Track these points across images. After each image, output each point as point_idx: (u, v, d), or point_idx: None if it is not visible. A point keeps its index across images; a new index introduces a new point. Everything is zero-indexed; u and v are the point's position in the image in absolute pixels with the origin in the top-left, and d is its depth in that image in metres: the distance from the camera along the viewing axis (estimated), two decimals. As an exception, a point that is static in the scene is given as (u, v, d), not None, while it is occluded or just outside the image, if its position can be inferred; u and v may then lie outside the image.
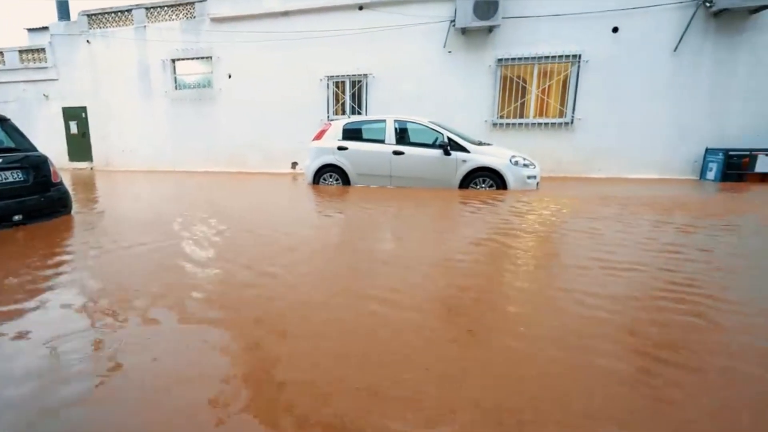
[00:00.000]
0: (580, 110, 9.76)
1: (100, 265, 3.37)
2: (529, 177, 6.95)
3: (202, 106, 12.75)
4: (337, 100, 11.51)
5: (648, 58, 9.23)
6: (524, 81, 10.16)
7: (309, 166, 8.06)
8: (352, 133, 7.85)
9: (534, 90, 10.07)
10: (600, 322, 2.19)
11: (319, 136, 8.04)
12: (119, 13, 13.13)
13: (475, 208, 5.42)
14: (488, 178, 6.97)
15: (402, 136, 7.63)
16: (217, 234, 4.28)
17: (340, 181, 7.82)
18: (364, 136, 7.85)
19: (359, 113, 11.19)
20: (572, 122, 9.85)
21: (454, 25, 10.04)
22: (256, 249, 3.69)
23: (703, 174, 9.09)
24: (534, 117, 10.19)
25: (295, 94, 11.68)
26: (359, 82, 11.19)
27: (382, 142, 7.57)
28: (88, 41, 13.48)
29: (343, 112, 11.41)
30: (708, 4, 8.63)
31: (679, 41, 8.99)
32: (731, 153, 8.49)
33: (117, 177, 11.68)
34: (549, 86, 10.05)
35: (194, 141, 13.02)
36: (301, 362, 1.83)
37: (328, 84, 11.44)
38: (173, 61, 12.78)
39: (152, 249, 3.74)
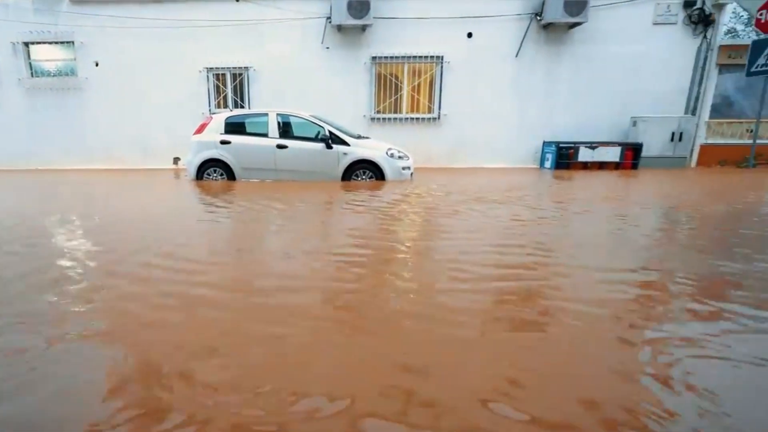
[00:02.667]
0: (445, 107, 10.70)
1: None
2: (404, 168, 7.53)
3: (66, 96, 11.29)
4: (218, 93, 11.10)
5: (496, 62, 10.42)
6: (397, 78, 10.80)
7: (191, 162, 7.76)
8: (234, 127, 7.74)
9: (406, 87, 10.77)
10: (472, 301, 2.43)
11: (200, 130, 7.78)
12: (-50, -15, 11.12)
13: (357, 199, 5.78)
14: (368, 169, 7.41)
15: (285, 130, 7.73)
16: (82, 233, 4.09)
17: (224, 176, 7.68)
18: (248, 129, 7.80)
19: (242, 107, 10.94)
20: (439, 117, 10.76)
21: (330, 22, 10.28)
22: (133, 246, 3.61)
23: (542, 163, 10.60)
24: (407, 112, 10.92)
25: (173, 86, 10.96)
26: (240, 75, 10.92)
27: (265, 135, 7.57)
28: None
29: (226, 106, 11.06)
30: (538, 18, 9.98)
31: (519, 48, 10.30)
32: (561, 145, 10.04)
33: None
34: (419, 84, 10.82)
35: (60, 135, 11.41)
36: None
37: (208, 76, 10.97)
38: (26, 44, 11.14)
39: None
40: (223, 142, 7.57)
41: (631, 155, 10.00)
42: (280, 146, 7.46)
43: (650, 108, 10.28)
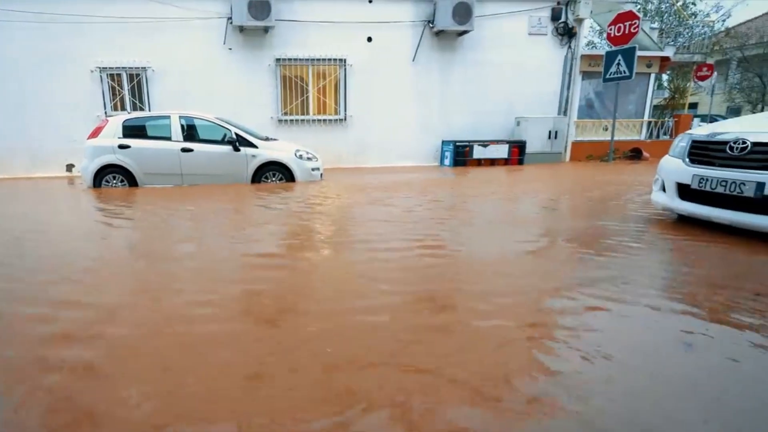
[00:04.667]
0: (351, 108, 10.94)
1: None
2: (313, 169, 7.61)
3: None
4: (115, 94, 10.26)
5: (395, 65, 10.88)
6: (302, 80, 10.80)
7: (87, 168, 7.16)
8: (134, 130, 7.28)
9: (312, 89, 10.81)
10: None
11: (95, 134, 7.21)
12: None
13: (267, 201, 5.79)
14: (278, 171, 7.39)
15: (190, 132, 7.43)
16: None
17: (125, 182, 7.20)
18: (149, 133, 7.38)
19: (141, 109, 10.23)
20: (345, 119, 10.97)
21: (231, 23, 9.99)
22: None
23: (441, 161, 11.27)
24: (314, 114, 10.98)
25: (63, 86, 9.93)
26: (138, 75, 10.20)
27: (168, 139, 7.22)
28: None
29: (123, 108, 10.25)
30: (431, 25, 10.60)
31: (415, 53, 10.85)
32: (458, 144, 10.77)
33: None
34: (324, 86, 10.93)
35: None
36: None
37: (101, 77, 10.08)
38: None
39: None
40: (121, 147, 7.09)
41: (517, 152, 11.04)
42: (185, 150, 7.17)
43: (530, 109, 11.42)
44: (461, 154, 10.77)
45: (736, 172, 3.29)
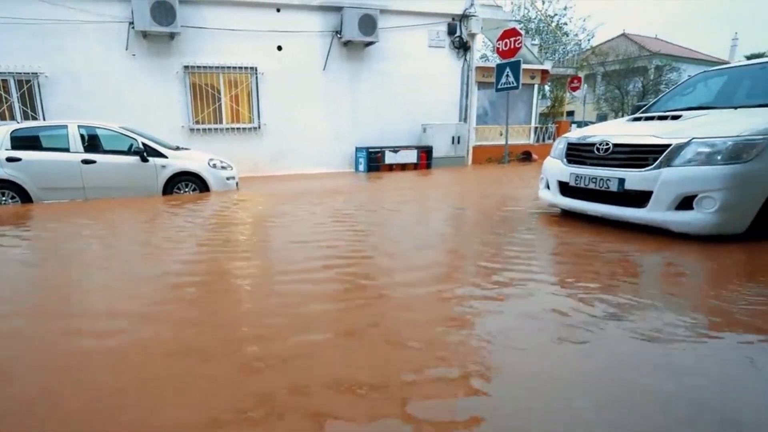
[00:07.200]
0: (265, 116, 10.70)
1: None
2: (228, 178, 7.33)
3: None
4: (1, 102, 9.01)
5: (306, 74, 10.85)
6: (213, 89, 10.35)
7: (-33, 184, 6.24)
8: (25, 142, 6.48)
9: (224, 97, 10.40)
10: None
11: (-24, 147, 6.30)
12: None
13: (180, 212, 5.51)
14: (191, 182, 7.02)
15: (92, 143, 6.81)
16: None
17: (17, 199, 6.37)
18: (44, 144, 6.64)
19: (35, 118, 9.10)
20: (260, 127, 10.72)
21: (133, 28, 9.28)
22: None
23: (356, 167, 11.44)
24: (228, 122, 10.58)
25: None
26: (29, 82, 9.05)
27: (66, 150, 6.53)
28: None
29: (12, 117, 9.05)
30: (339, 36, 10.74)
31: (326, 62, 10.91)
32: (371, 150, 11.02)
33: None
34: (237, 94, 10.57)
35: None
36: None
37: (-17, 83, 8.81)
38: None
39: None
40: (10, 159, 6.27)
41: (425, 156, 11.56)
42: (86, 161, 6.53)
43: (435, 116, 12.01)
44: (374, 160, 11.02)
45: (603, 170, 3.81)
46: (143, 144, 6.72)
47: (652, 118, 4.04)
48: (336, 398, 1.50)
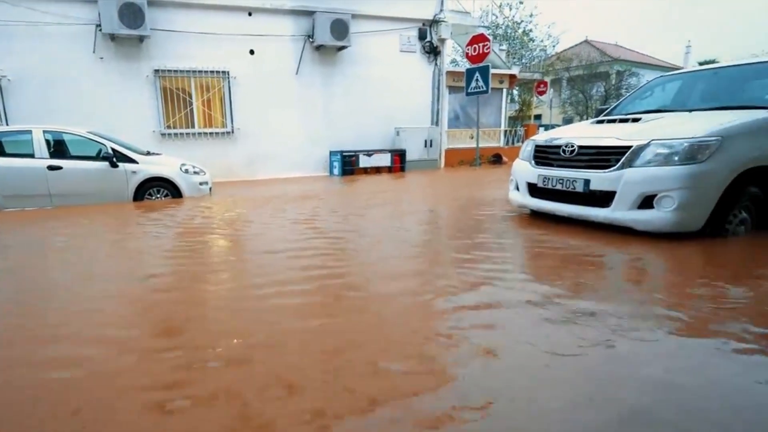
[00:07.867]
0: (238, 121, 10.55)
1: None
2: (201, 183, 7.15)
3: None
4: (-42, 106, 8.57)
5: (279, 78, 10.77)
6: (185, 93, 10.14)
7: (-75, 193, 5.91)
8: (-16, 148, 6.21)
9: (195, 102, 10.20)
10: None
11: (-68, 154, 5.99)
12: None
13: (148, 222, 5.34)
14: (162, 188, 6.84)
15: (58, 149, 6.58)
16: None
17: (-22, 206, 6.09)
18: (7, 150, 6.35)
19: (-5, 124, 8.69)
20: (233, 131, 10.55)
21: (101, 30, 9.00)
22: None
23: (331, 171, 11.42)
24: (200, 127, 10.38)
25: None
26: (-12, 85, 8.64)
27: (31, 156, 6.27)
28: None
29: (-29, 123, 8.60)
30: (311, 40, 10.71)
31: (299, 66, 10.86)
32: (345, 154, 11.02)
33: None
34: (209, 99, 10.39)
35: None
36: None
37: (-64, 86, 8.35)
38: None
39: None
40: (-30, 167, 5.99)
41: (399, 159, 11.64)
42: (52, 167, 6.28)
43: (408, 120, 12.12)
44: (349, 164, 11.03)
45: (569, 171, 3.93)
46: (112, 149, 6.51)
47: (614, 121, 4.21)
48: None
